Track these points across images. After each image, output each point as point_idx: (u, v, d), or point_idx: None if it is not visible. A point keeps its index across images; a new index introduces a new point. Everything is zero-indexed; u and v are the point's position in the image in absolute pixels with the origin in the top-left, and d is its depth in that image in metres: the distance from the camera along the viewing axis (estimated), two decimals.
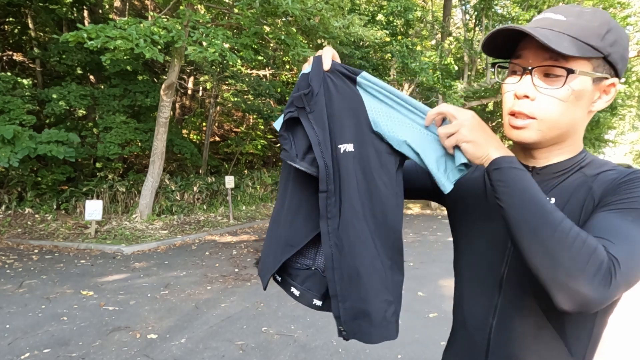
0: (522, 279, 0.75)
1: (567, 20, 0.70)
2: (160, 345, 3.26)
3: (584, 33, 0.68)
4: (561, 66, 0.68)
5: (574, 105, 0.71)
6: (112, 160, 10.72)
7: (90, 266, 5.66)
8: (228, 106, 16.57)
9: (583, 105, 0.72)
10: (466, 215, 0.87)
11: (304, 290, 0.93)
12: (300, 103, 0.83)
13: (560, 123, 0.72)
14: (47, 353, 3.08)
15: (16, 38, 11.65)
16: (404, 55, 11.37)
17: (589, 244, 0.59)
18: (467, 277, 0.86)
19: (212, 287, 4.84)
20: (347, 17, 8.69)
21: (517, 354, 0.76)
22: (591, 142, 19.46)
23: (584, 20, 0.70)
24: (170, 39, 7.14)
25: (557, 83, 0.69)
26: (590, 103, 0.73)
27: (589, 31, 0.68)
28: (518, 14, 12.90)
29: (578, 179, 0.75)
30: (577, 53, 0.67)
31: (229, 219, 9.80)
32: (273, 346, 3.28)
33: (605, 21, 0.70)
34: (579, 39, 0.68)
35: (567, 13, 0.71)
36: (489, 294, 0.79)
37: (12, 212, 8.28)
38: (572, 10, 0.71)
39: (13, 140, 7.01)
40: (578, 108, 0.71)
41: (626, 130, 33.42)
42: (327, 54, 0.85)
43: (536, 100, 0.71)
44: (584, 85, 0.70)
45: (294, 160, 0.84)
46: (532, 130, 0.73)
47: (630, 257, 0.60)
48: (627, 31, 13.30)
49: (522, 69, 0.72)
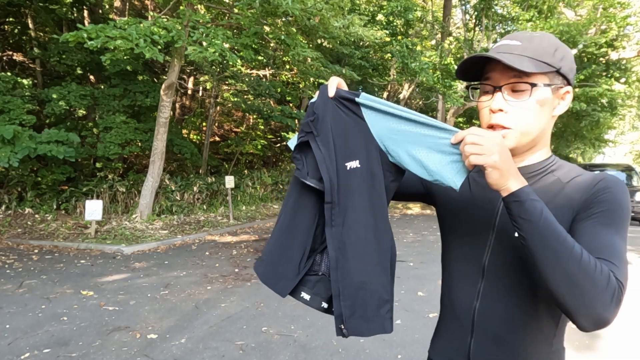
0: (502, 266, 0.87)
1: (522, 45, 0.84)
2: (160, 345, 3.26)
3: (538, 53, 0.82)
4: (525, 82, 0.82)
5: (540, 113, 0.84)
6: (112, 160, 10.72)
7: (90, 266, 5.66)
8: (228, 106, 16.57)
9: (547, 112, 0.86)
10: (453, 212, 0.98)
11: (314, 294, 1.00)
12: (308, 128, 0.95)
13: (531, 129, 0.85)
14: (47, 353, 3.08)
15: (16, 38, 11.65)
16: (404, 55, 11.37)
17: (605, 272, 0.67)
18: (454, 266, 0.97)
19: (212, 287, 4.84)
20: (347, 17, 8.68)
21: (498, 332, 0.87)
22: (591, 142, 19.43)
23: (535, 43, 0.84)
24: (170, 39, 7.13)
25: (523, 96, 0.83)
26: (552, 109, 0.87)
27: (541, 51, 0.83)
28: (518, 14, 12.90)
29: (553, 182, 0.87)
30: (536, 69, 0.80)
31: (229, 219, 9.80)
32: (273, 346, 3.28)
33: (553, 42, 0.85)
34: (535, 58, 0.82)
35: (520, 39, 0.85)
36: (473, 280, 0.90)
37: (12, 212, 8.28)
38: (524, 35, 0.86)
39: (13, 140, 7.01)
40: (543, 115, 0.85)
41: (626, 130, 33.42)
42: (332, 83, 0.95)
43: (509, 112, 0.84)
44: (545, 95, 0.84)
45: (305, 178, 0.95)
46: (509, 138, 0.84)
47: (626, 278, 0.70)
48: (627, 31, 13.30)
49: (492, 87, 0.86)
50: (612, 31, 12.71)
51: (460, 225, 0.96)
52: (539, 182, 0.88)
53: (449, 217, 1.00)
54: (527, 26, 12.18)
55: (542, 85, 0.82)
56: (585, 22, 12.58)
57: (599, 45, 12.94)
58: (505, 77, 0.83)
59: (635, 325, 3.93)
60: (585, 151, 29.18)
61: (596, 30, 13.21)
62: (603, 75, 14.68)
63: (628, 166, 13.33)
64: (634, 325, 3.91)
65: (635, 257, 7.06)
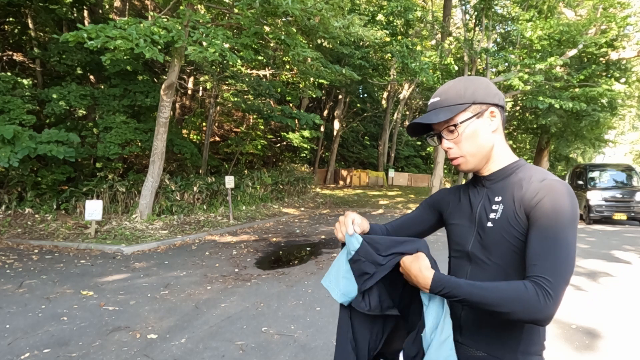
0: (481, 251, 1.08)
1: (440, 99, 1.09)
2: (160, 345, 3.26)
3: (451, 100, 1.07)
4: (450, 125, 1.07)
5: (474, 137, 1.07)
6: (112, 160, 10.72)
7: (90, 266, 5.66)
8: (228, 106, 16.57)
9: (481, 133, 1.08)
10: (450, 215, 1.23)
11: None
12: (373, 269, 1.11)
13: (476, 150, 1.09)
14: (47, 353, 3.08)
15: (16, 38, 11.66)
16: (404, 55, 11.36)
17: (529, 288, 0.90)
18: (453, 261, 1.20)
19: (212, 287, 4.84)
20: (347, 17, 8.68)
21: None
22: (591, 142, 19.39)
23: (449, 93, 1.08)
24: (170, 39, 7.13)
25: (455, 133, 1.08)
26: (487, 127, 1.08)
27: (453, 97, 1.07)
28: (518, 14, 12.90)
29: (516, 182, 1.06)
30: (450, 114, 1.05)
31: (229, 219, 9.80)
32: (273, 346, 3.28)
33: (462, 84, 1.09)
34: (450, 105, 1.07)
35: (439, 94, 1.11)
36: (464, 264, 1.13)
37: (12, 212, 8.28)
38: (442, 90, 1.11)
39: (13, 140, 7.01)
40: (478, 137, 1.08)
41: (626, 130, 33.44)
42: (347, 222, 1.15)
43: (453, 148, 1.10)
44: (471, 125, 1.07)
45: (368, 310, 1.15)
46: (468, 163, 1.10)
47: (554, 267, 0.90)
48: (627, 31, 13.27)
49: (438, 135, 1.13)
50: (612, 31, 12.71)
51: (456, 226, 1.19)
52: (504, 181, 1.09)
53: (448, 219, 1.24)
54: (527, 26, 12.18)
55: (460, 123, 1.06)
56: (585, 22, 12.58)
57: (599, 45, 12.94)
58: (440, 126, 1.10)
59: (635, 325, 3.93)
60: (585, 151, 29.19)
61: (596, 30, 13.22)
62: (603, 75, 14.68)
63: (628, 166, 13.31)
64: (634, 325, 3.91)
65: (635, 257, 7.06)
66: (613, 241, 8.72)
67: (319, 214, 12.26)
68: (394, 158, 26.29)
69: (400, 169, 27.21)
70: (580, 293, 4.88)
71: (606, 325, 3.88)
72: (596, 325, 3.85)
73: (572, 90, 12.59)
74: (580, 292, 4.91)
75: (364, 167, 25.26)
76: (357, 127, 25.89)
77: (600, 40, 12.22)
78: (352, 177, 22.33)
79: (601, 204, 11.49)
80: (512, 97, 15.74)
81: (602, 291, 5.00)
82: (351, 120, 23.95)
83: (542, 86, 12.25)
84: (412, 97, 25.06)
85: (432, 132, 1.16)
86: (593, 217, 11.57)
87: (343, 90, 19.69)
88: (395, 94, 23.70)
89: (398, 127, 25.78)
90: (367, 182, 22.73)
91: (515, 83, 11.01)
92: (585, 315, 4.11)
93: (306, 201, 14.61)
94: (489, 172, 1.12)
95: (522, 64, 11.59)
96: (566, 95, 12.32)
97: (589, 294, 4.85)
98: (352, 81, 14.06)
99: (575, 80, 12.28)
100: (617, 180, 12.50)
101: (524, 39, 12.72)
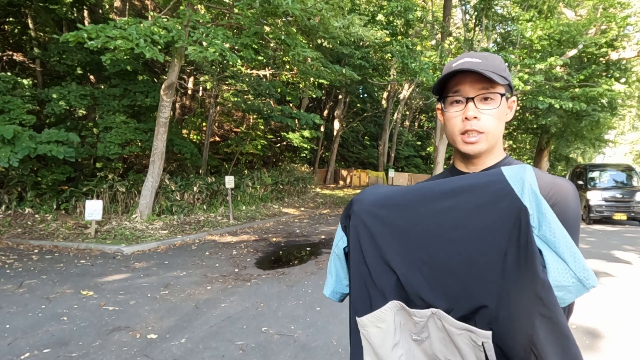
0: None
1: (482, 62, 0.93)
2: (160, 345, 3.26)
3: (497, 68, 0.94)
4: (495, 92, 0.93)
5: (501, 119, 0.96)
6: (112, 160, 10.72)
7: (90, 266, 5.66)
8: (228, 106, 16.57)
9: (503, 119, 0.97)
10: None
11: None
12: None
13: (497, 133, 0.96)
14: (47, 353, 3.08)
15: (16, 38, 11.65)
16: (404, 55, 11.36)
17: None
18: None
19: (212, 287, 4.84)
20: (347, 17, 8.68)
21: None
22: (591, 142, 19.38)
23: (491, 60, 0.95)
24: (170, 39, 7.13)
25: (493, 104, 0.93)
26: (504, 116, 0.98)
27: (498, 67, 0.94)
28: (518, 14, 12.89)
29: None
30: (501, 81, 0.92)
31: (229, 219, 9.80)
32: (273, 346, 3.28)
33: (501, 60, 0.97)
34: (497, 73, 0.92)
35: (479, 57, 0.95)
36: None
37: (12, 212, 8.28)
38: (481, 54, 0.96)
39: (13, 140, 7.00)
40: (502, 121, 0.97)
41: (626, 130, 33.42)
42: None
43: (481, 119, 0.94)
44: (504, 104, 0.96)
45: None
46: (483, 142, 0.95)
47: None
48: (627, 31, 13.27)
49: (465, 98, 0.94)
50: (612, 31, 12.70)
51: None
52: None
53: None
54: (527, 26, 12.18)
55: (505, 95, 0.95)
56: (585, 22, 12.57)
57: (599, 45, 12.93)
58: (474, 89, 0.93)
59: (635, 325, 3.93)
60: (586, 151, 29.16)
61: (596, 30, 13.21)
62: (603, 75, 14.67)
63: (628, 166, 13.31)
64: (635, 325, 3.91)
65: (635, 257, 7.06)
66: (613, 241, 8.72)
67: (319, 214, 12.26)
68: (394, 158, 26.29)
69: (400, 169, 27.21)
70: None
71: (606, 325, 3.88)
72: (596, 325, 3.85)
73: (572, 91, 12.58)
74: None
75: (364, 167, 25.27)
76: (357, 127, 25.90)
77: (600, 40, 12.21)
78: (352, 177, 22.34)
79: (601, 204, 11.50)
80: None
81: (602, 291, 5.00)
82: (351, 120, 23.95)
83: (542, 86, 12.24)
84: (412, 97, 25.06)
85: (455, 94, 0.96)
86: (593, 217, 11.58)
87: (343, 90, 19.69)
88: (395, 94, 23.70)
89: (398, 127, 25.79)
90: (367, 182, 22.74)
91: (516, 83, 11.00)
92: (585, 315, 4.11)
93: (306, 201, 14.61)
94: (482, 167, 1.00)
95: (522, 64, 11.59)
96: (566, 95, 12.31)
97: (589, 294, 4.84)
98: (352, 81, 14.06)
99: (575, 80, 12.27)
100: (617, 180, 12.51)
101: (524, 39, 12.71)
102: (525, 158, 27.97)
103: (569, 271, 0.71)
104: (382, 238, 0.86)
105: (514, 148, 27.92)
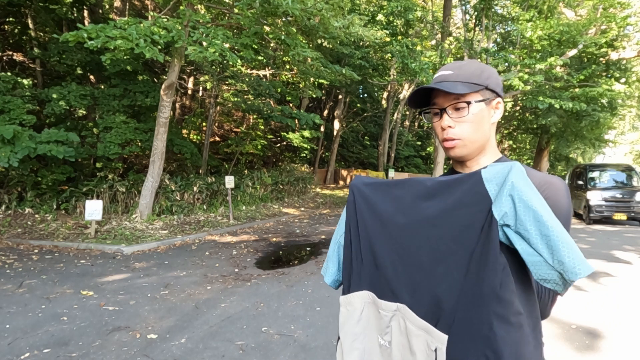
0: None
1: (454, 73, 1.01)
2: (160, 345, 3.26)
3: (467, 77, 1.00)
4: (462, 101, 1.00)
5: (479, 123, 1.01)
6: (112, 160, 10.72)
7: (90, 266, 5.66)
8: (228, 106, 16.56)
9: (485, 121, 1.03)
10: None
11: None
12: None
13: (475, 137, 1.02)
14: (47, 353, 3.08)
15: (16, 38, 11.65)
16: (404, 55, 11.36)
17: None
18: None
19: (212, 287, 4.84)
20: (347, 17, 8.68)
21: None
22: (591, 142, 19.38)
23: (464, 69, 1.02)
24: (170, 39, 7.13)
25: (463, 112, 1.00)
26: (489, 118, 1.03)
27: (469, 75, 1.01)
28: (518, 14, 12.89)
29: None
30: (467, 90, 0.98)
31: (229, 219, 9.80)
32: (273, 346, 3.28)
33: (479, 66, 1.03)
34: (465, 82, 0.99)
35: (452, 68, 1.03)
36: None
37: (12, 212, 8.28)
38: (455, 65, 1.04)
39: (13, 140, 7.00)
40: (482, 124, 1.02)
41: (626, 130, 33.41)
42: None
43: (455, 127, 1.01)
44: (480, 108, 1.01)
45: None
46: (461, 147, 1.02)
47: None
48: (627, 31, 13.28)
49: (439, 110, 1.04)
50: (612, 31, 12.70)
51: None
52: None
53: None
54: (527, 26, 12.18)
55: (474, 102, 1.00)
56: (585, 22, 12.57)
57: (599, 45, 12.93)
58: (447, 101, 1.02)
59: (635, 325, 3.93)
60: (586, 151, 29.16)
61: (596, 30, 13.21)
62: (603, 75, 14.67)
63: (628, 166, 13.31)
64: (635, 325, 3.91)
65: (635, 257, 7.06)
66: (613, 241, 8.72)
67: (319, 214, 12.26)
68: (394, 158, 26.27)
69: (400, 169, 27.20)
70: (580, 293, 4.88)
71: (606, 325, 3.88)
72: (596, 325, 3.85)
73: (572, 91, 12.58)
74: (580, 292, 4.91)
75: (364, 167, 25.25)
76: (357, 127, 25.89)
77: (600, 40, 12.21)
78: (352, 177, 22.29)
79: (601, 204, 11.49)
80: (512, 97, 15.74)
81: (602, 291, 5.00)
82: (351, 120, 23.95)
83: (542, 86, 12.24)
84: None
85: (432, 106, 1.06)
86: (593, 217, 11.57)
87: (343, 90, 19.69)
88: (395, 94, 23.69)
89: (398, 127, 25.78)
90: None
91: (515, 83, 11.00)
92: (585, 315, 4.11)
93: (306, 201, 14.61)
94: (478, 167, 1.05)
95: (522, 64, 11.59)
96: (566, 95, 12.32)
97: (589, 294, 4.85)
98: (352, 81, 14.06)
99: (575, 80, 12.27)
100: (617, 180, 12.51)
101: (524, 39, 12.71)
102: (525, 158, 27.98)
103: (547, 265, 0.73)
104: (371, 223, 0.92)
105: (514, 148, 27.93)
